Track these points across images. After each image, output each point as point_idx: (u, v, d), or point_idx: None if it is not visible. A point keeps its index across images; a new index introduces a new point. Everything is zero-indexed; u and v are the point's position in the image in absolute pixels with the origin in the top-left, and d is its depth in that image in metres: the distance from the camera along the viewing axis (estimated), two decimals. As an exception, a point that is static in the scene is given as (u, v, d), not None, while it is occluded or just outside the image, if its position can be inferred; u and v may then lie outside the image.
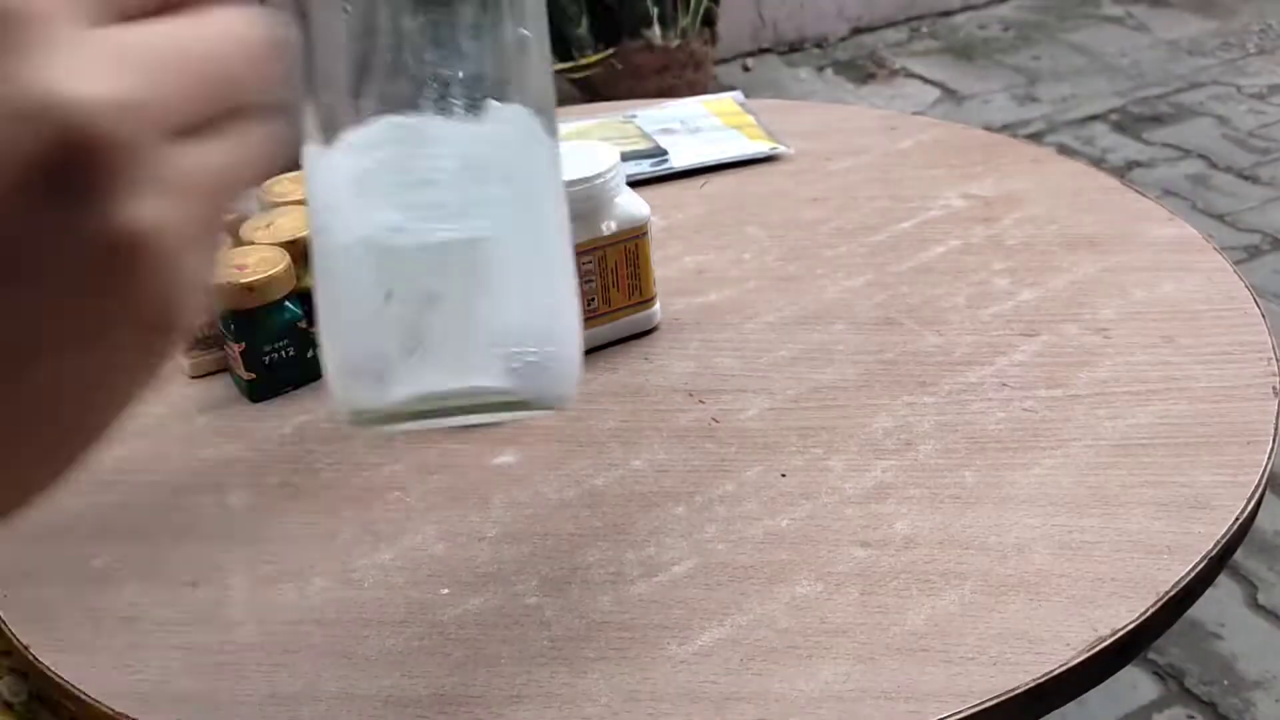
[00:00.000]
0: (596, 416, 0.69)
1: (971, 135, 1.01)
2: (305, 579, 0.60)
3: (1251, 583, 1.47)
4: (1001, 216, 0.87)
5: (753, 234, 0.88)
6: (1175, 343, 0.71)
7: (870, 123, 1.05)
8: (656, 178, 0.98)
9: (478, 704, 0.52)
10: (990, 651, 0.52)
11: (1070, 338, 0.72)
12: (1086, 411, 0.66)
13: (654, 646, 0.54)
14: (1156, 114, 2.67)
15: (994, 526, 0.58)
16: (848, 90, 2.96)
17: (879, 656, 0.52)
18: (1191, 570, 0.55)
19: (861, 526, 0.59)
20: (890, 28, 3.30)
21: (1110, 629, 0.52)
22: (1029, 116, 2.72)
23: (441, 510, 0.63)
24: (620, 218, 0.73)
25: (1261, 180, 2.34)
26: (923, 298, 0.78)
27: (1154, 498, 0.59)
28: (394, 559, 0.60)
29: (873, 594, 0.55)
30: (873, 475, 0.63)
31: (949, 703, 0.50)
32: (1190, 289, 0.76)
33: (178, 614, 0.58)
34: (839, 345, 0.74)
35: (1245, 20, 3.14)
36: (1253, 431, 0.63)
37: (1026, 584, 0.55)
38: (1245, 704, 1.32)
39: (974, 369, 0.70)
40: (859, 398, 0.69)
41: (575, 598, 0.56)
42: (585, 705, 0.51)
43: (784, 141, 1.01)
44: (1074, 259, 0.80)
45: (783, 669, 0.52)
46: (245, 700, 0.53)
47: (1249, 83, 2.78)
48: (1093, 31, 3.17)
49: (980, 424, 0.66)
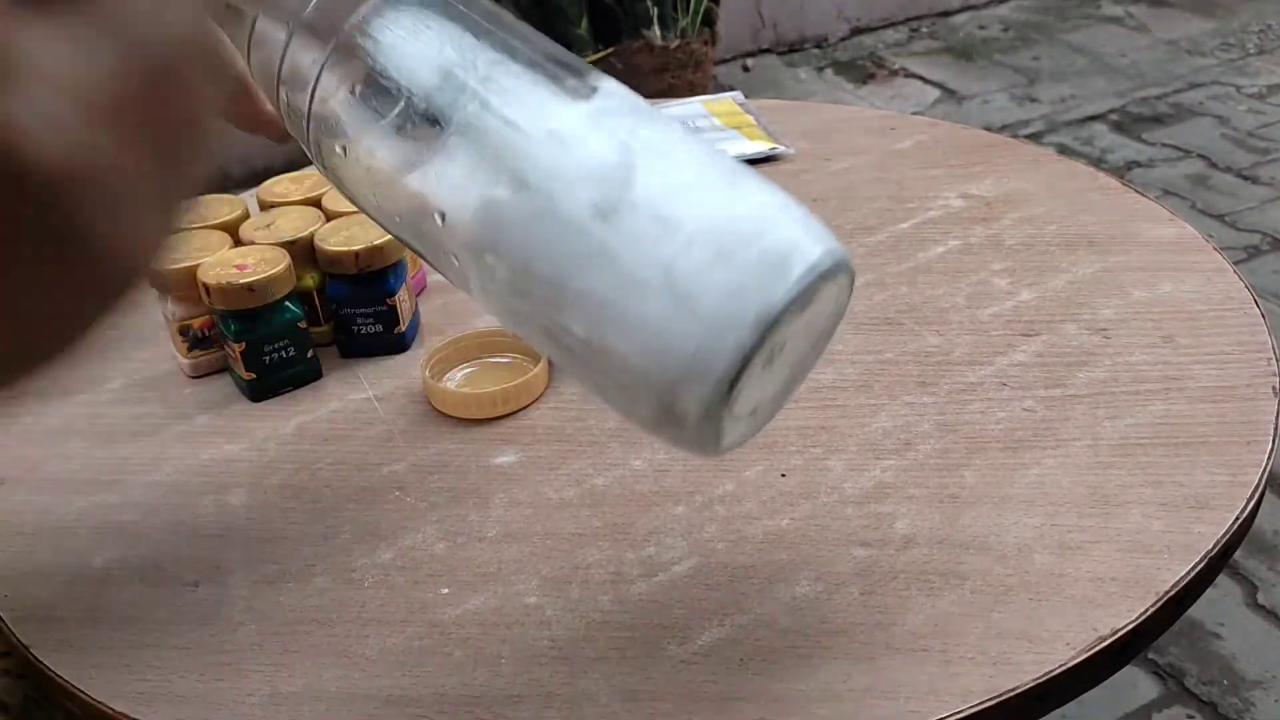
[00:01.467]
0: (596, 416, 0.69)
1: (971, 135, 1.01)
2: (306, 578, 0.60)
3: (1251, 582, 1.47)
4: (1001, 217, 0.87)
5: (753, 234, 0.88)
6: (1175, 343, 0.71)
7: (870, 123, 1.05)
8: (656, 178, 0.97)
9: (478, 703, 0.52)
10: (990, 651, 0.52)
11: (1070, 338, 0.72)
12: (1086, 411, 0.66)
13: (654, 646, 0.54)
14: (1156, 114, 2.67)
15: (994, 526, 0.59)
16: (847, 90, 2.96)
17: (879, 656, 0.52)
18: (1191, 570, 0.55)
19: (861, 526, 0.59)
20: (890, 28, 3.30)
21: (1110, 629, 0.52)
22: (1028, 117, 2.72)
23: (442, 510, 0.63)
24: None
25: (1261, 180, 2.34)
26: (922, 298, 0.78)
27: (1153, 498, 0.59)
28: (394, 558, 0.61)
29: (872, 594, 0.55)
30: (872, 475, 0.63)
31: (949, 702, 0.50)
32: (1190, 289, 0.76)
33: (178, 614, 0.59)
34: (839, 345, 0.74)
35: (1245, 20, 3.14)
36: (1252, 432, 0.63)
37: (1026, 584, 0.55)
38: (1245, 704, 1.32)
39: (974, 369, 0.70)
40: (859, 398, 0.69)
41: (575, 597, 0.56)
42: (585, 705, 0.51)
43: (784, 141, 1.01)
44: (1074, 259, 0.80)
45: (782, 669, 0.52)
46: (246, 700, 0.53)
47: (1249, 83, 2.78)
48: (1092, 32, 3.17)
49: (980, 424, 0.66)
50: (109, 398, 0.77)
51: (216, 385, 0.76)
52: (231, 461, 0.69)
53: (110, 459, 0.71)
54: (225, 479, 0.68)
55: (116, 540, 0.64)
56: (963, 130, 1.02)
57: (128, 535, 0.64)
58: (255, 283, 0.71)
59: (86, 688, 0.55)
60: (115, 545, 0.64)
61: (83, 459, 0.71)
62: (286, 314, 0.73)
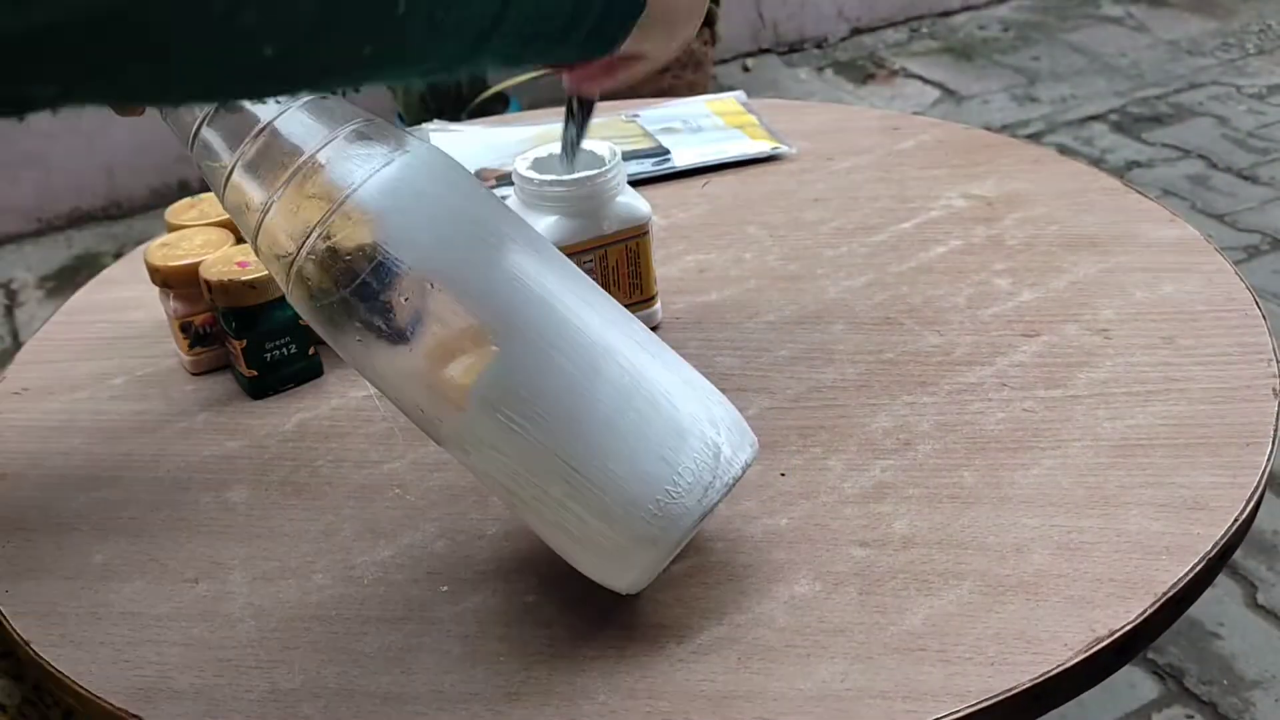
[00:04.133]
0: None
1: (973, 135, 1.01)
2: (305, 575, 0.60)
3: (1251, 582, 1.47)
4: (1002, 217, 0.87)
5: (754, 233, 0.88)
6: (1175, 344, 0.71)
7: (872, 123, 1.05)
8: (658, 177, 0.98)
9: (476, 701, 0.52)
10: (988, 651, 0.52)
11: (1070, 338, 0.72)
12: (1086, 412, 0.66)
13: (652, 645, 0.54)
14: (1156, 114, 2.67)
15: (993, 527, 0.59)
16: (847, 90, 2.96)
17: (877, 656, 0.52)
18: (1190, 571, 0.55)
19: (860, 526, 0.59)
20: (890, 28, 3.30)
21: (1109, 629, 0.52)
22: (1028, 117, 2.72)
23: (441, 508, 0.64)
24: (621, 217, 0.73)
25: (1261, 180, 2.34)
26: (923, 298, 0.78)
27: (1153, 498, 0.59)
28: (394, 556, 0.61)
29: (871, 594, 0.55)
30: (872, 475, 0.63)
31: (947, 702, 0.50)
32: (1191, 290, 0.76)
33: (179, 610, 0.59)
34: (839, 345, 0.74)
35: (1245, 20, 3.14)
36: (1252, 433, 0.63)
37: (1025, 584, 0.55)
38: (1245, 704, 1.32)
39: (974, 369, 0.70)
40: (859, 397, 0.69)
41: (574, 596, 0.56)
42: (583, 703, 0.51)
43: (786, 141, 1.01)
44: (1075, 259, 0.80)
45: (781, 668, 0.52)
46: (245, 696, 0.53)
47: (1249, 83, 2.78)
48: (1092, 31, 3.17)
49: (980, 424, 0.66)
50: (111, 394, 0.77)
51: (218, 382, 0.76)
52: (232, 458, 0.69)
53: (112, 455, 0.71)
54: (226, 476, 0.68)
55: (117, 536, 0.64)
56: (965, 130, 1.02)
57: (128, 531, 0.64)
58: (257, 280, 0.72)
59: (87, 683, 0.55)
60: (116, 541, 0.64)
61: (84, 455, 0.71)
62: (288, 311, 0.73)
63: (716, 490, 0.51)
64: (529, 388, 0.50)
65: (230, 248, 0.76)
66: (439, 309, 0.50)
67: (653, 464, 0.50)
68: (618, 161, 0.71)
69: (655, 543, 0.51)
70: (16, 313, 2.28)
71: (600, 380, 0.51)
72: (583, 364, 0.51)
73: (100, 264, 2.24)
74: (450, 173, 0.53)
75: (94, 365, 0.80)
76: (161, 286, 0.76)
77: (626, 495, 0.50)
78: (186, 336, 0.76)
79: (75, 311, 0.88)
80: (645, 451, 0.51)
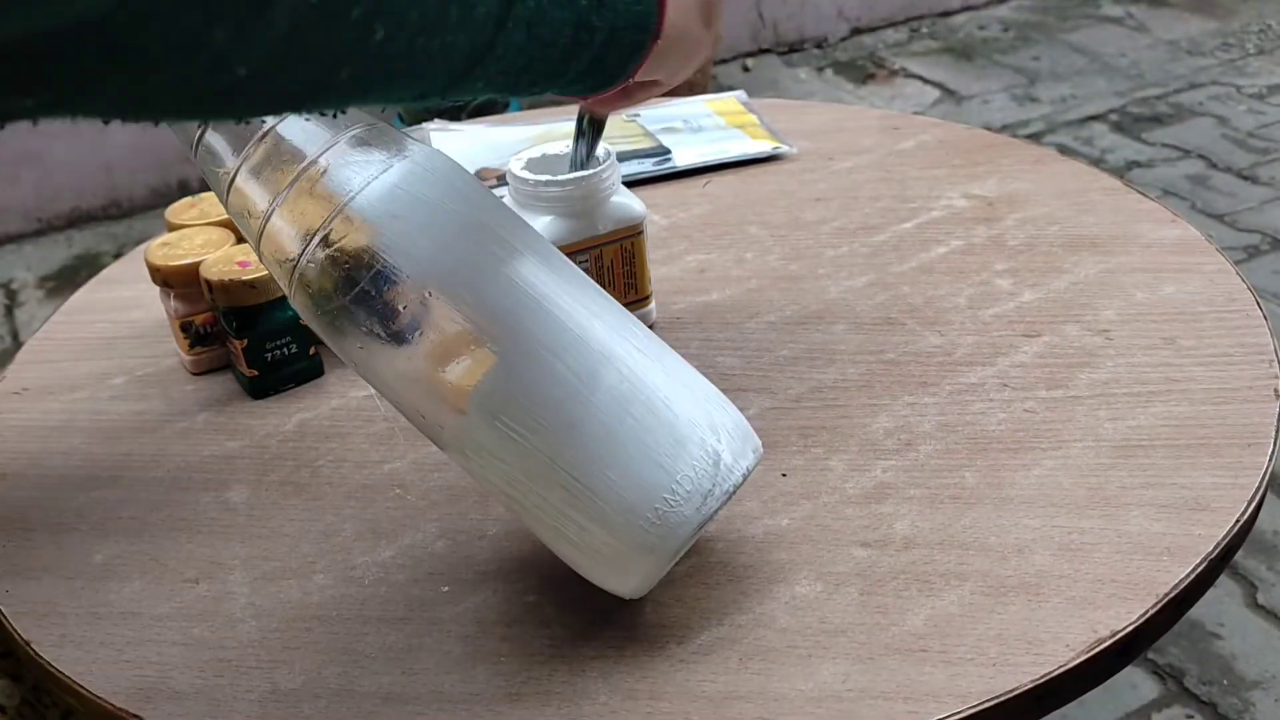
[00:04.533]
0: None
1: (973, 136, 1.01)
2: (306, 576, 0.60)
3: (1251, 583, 1.47)
4: (1003, 217, 0.87)
5: (755, 233, 0.88)
6: (1176, 344, 0.71)
7: (873, 123, 1.05)
8: (659, 176, 0.98)
9: (477, 701, 0.52)
10: (990, 652, 0.52)
11: (1071, 339, 0.72)
12: (1087, 413, 0.66)
13: (653, 645, 0.54)
14: (1156, 114, 2.67)
15: (994, 527, 0.59)
16: (847, 90, 2.96)
17: (878, 657, 0.52)
18: (1191, 572, 0.55)
19: (861, 526, 0.59)
20: (890, 28, 3.30)
21: (1110, 630, 0.52)
22: (1028, 117, 2.72)
23: (442, 508, 0.63)
24: (616, 216, 0.73)
25: (1261, 180, 2.34)
26: (924, 298, 0.78)
27: (1154, 499, 0.59)
28: (394, 556, 0.61)
29: (872, 594, 0.55)
30: (873, 475, 0.63)
31: (948, 703, 0.50)
32: (1192, 290, 0.76)
33: (179, 610, 0.59)
34: (840, 345, 0.74)
35: (1245, 20, 3.14)
36: (1253, 433, 0.63)
37: (1026, 585, 0.55)
38: (1245, 704, 1.32)
39: (975, 369, 0.70)
40: (860, 398, 0.69)
41: (574, 595, 0.56)
42: (584, 703, 0.51)
43: (787, 141, 1.01)
44: (1075, 260, 0.80)
45: (782, 668, 0.52)
46: (246, 696, 0.53)
47: (1248, 83, 2.78)
48: (1092, 31, 3.17)
49: (981, 424, 0.66)
50: (111, 394, 0.77)
51: (218, 382, 0.76)
52: (233, 458, 0.69)
53: (112, 455, 0.71)
54: (226, 476, 0.68)
55: (117, 536, 0.64)
56: (966, 130, 1.02)
57: (129, 531, 0.64)
58: (257, 279, 0.72)
59: (87, 684, 0.55)
60: (116, 541, 0.64)
61: (84, 455, 0.71)
62: (289, 311, 0.73)
63: (716, 498, 0.51)
64: (527, 395, 0.50)
65: (231, 247, 0.76)
66: (437, 316, 0.50)
67: (651, 471, 0.50)
68: (612, 161, 0.71)
69: (654, 550, 0.51)
70: (16, 313, 2.28)
71: (599, 387, 0.51)
72: (582, 371, 0.51)
73: (100, 264, 2.24)
74: (451, 177, 0.53)
75: (94, 365, 0.80)
76: (162, 286, 0.76)
77: (625, 503, 0.50)
78: (187, 336, 0.76)
79: (75, 311, 0.88)
80: (643, 459, 0.50)
